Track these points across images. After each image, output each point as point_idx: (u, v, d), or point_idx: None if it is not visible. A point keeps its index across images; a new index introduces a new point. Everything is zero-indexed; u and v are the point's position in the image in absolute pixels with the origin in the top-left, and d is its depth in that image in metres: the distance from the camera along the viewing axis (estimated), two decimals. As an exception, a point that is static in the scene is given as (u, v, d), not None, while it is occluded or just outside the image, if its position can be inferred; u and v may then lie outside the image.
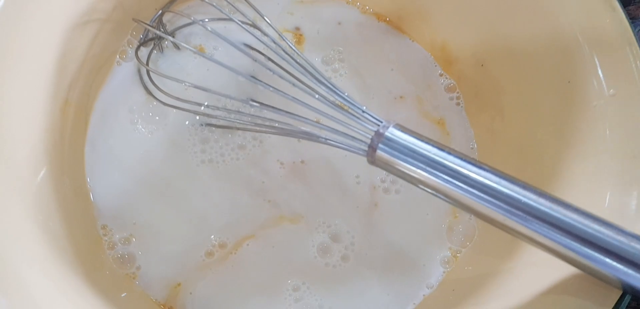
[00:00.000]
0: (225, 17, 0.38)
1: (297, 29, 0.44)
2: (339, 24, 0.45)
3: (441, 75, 0.44)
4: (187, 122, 0.40)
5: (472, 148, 0.43)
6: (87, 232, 0.35)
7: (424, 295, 0.38)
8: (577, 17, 0.36)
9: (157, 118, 0.40)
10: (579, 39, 0.35)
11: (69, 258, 0.30)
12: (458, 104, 0.43)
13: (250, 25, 0.39)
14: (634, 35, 0.34)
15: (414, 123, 0.42)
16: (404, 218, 0.40)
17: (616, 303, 0.28)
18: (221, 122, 0.39)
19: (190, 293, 0.36)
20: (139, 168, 0.38)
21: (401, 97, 0.43)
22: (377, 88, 0.43)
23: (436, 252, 0.39)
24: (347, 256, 0.38)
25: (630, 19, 0.46)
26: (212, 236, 0.37)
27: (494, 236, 0.37)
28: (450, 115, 0.43)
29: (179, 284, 0.36)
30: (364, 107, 0.34)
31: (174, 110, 0.39)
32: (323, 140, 0.36)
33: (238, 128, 0.40)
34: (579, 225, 0.28)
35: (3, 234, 0.27)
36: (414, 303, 0.37)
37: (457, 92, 0.44)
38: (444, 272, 0.38)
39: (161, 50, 0.41)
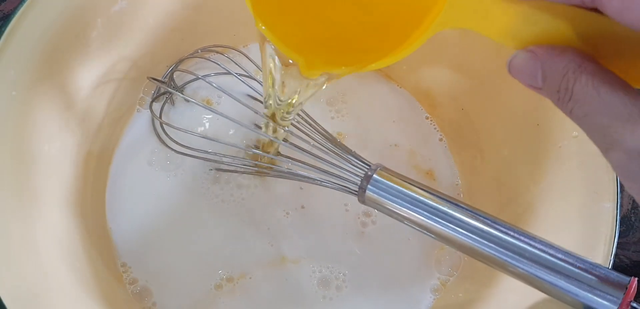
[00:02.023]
0: (227, 72, 0.42)
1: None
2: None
3: (427, 118, 0.48)
4: (198, 167, 0.44)
5: (456, 184, 0.46)
6: (109, 270, 0.38)
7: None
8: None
9: (171, 163, 0.44)
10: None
11: (95, 295, 0.34)
12: (442, 141, 0.48)
13: (249, 77, 0.43)
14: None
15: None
16: (395, 250, 0.43)
17: (580, 324, 0.31)
18: (227, 167, 0.43)
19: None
20: (154, 210, 0.42)
21: (396, 145, 0.47)
22: (374, 134, 0.47)
23: (426, 281, 0.42)
24: (340, 287, 0.41)
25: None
26: (220, 271, 0.40)
27: (477, 266, 0.41)
28: (438, 158, 0.47)
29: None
30: (354, 153, 0.38)
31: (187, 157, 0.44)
32: (319, 182, 0.40)
33: (243, 172, 0.44)
34: (545, 256, 0.31)
35: (39, 274, 0.31)
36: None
37: (441, 134, 0.48)
38: (433, 299, 0.42)
39: (172, 103, 0.46)
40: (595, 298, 0.30)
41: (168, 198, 0.42)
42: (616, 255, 0.46)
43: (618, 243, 0.46)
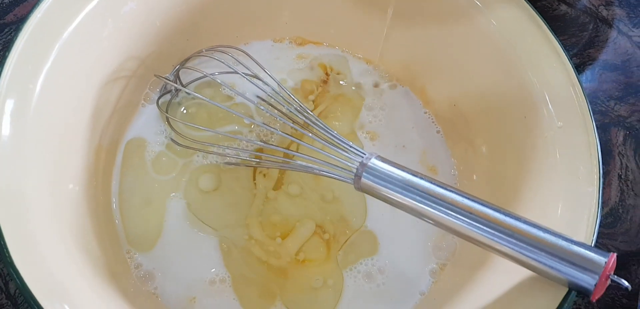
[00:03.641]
0: (233, 71, 0.44)
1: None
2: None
3: (425, 113, 0.51)
4: (201, 159, 0.46)
5: (453, 175, 0.48)
6: (116, 254, 0.40)
7: (417, 300, 0.43)
8: (532, 63, 0.42)
9: (174, 157, 0.46)
10: (533, 81, 0.42)
11: (105, 276, 0.36)
12: (439, 133, 0.50)
13: (253, 76, 0.45)
14: (577, 77, 0.40)
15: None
16: (395, 235, 0.45)
17: (563, 298, 0.33)
18: (230, 160, 0.46)
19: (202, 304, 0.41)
20: (157, 200, 0.44)
21: (403, 146, 0.49)
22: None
23: (425, 265, 0.44)
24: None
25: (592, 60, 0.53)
26: (213, 270, 0.42)
27: (470, 251, 0.43)
28: (436, 148, 0.49)
29: (194, 298, 0.41)
30: (351, 143, 0.40)
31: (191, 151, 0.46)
32: (317, 171, 0.42)
33: (246, 165, 0.46)
34: (530, 234, 0.33)
35: (56, 255, 0.33)
36: (410, 305, 0.42)
37: (438, 127, 0.50)
38: (431, 282, 0.43)
39: (178, 100, 0.48)
40: (577, 272, 0.32)
41: (170, 189, 0.44)
42: (604, 245, 0.48)
43: (607, 234, 0.49)
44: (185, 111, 0.48)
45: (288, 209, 0.44)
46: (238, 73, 0.44)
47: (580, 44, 0.60)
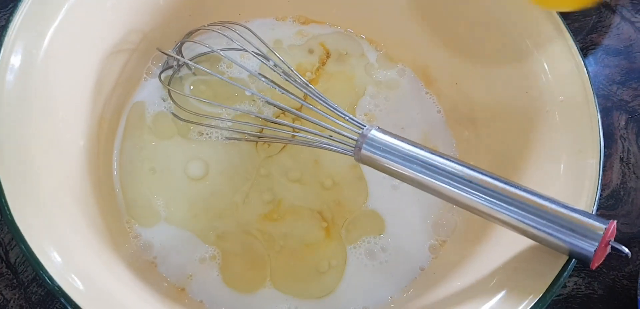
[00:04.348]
0: (236, 45, 0.44)
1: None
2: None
3: (427, 93, 0.51)
4: (203, 133, 0.46)
5: (454, 154, 0.48)
6: (117, 223, 0.41)
7: (416, 275, 0.43)
8: (533, 38, 0.42)
9: (175, 129, 0.46)
10: (535, 54, 0.42)
11: (106, 240, 0.36)
12: (439, 113, 0.50)
13: (257, 53, 0.45)
14: (579, 52, 0.40)
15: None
16: (396, 211, 0.45)
17: (564, 266, 0.33)
18: (233, 134, 0.46)
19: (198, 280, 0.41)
20: (158, 170, 0.44)
21: (402, 128, 0.49)
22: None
23: (425, 241, 0.44)
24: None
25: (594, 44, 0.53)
26: (209, 250, 0.42)
27: (470, 226, 0.43)
28: (436, 129, 0.49)
29: (191, 276, 0.41)
30: (351, 115, 0.40)
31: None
32: (317, 144, 0.42)
33: (248, 140, 0.46)
34: (532, 202, 0.33)
35: (59, 216, 0.33)
36: (410, 279, 0.42)
37: (439, 107, 0.50)
38: (431, 258, 0.43)
39: (180, 75, 0.48)
40: (577, 240, 0.32)
41: (170, 161, 0.45)
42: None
43: (608, 216, 0.49)
44: (191, 87, 0.48)
45: (287, 193, 0.44)
46: (240, 49, 0.44)
47: (584, 29, 0.60)
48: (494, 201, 0.34)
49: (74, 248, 0.32)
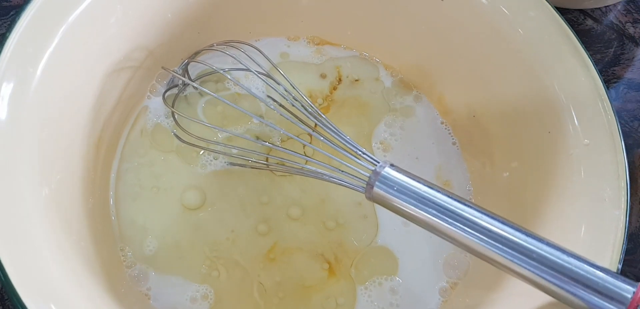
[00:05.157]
0: (246, 68, 0.43)
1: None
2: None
3: (442, 123, 0.49)
4: (207, 159, 0.44)
5: (468, 190, 0.46)
6: (110, 252, 0.39)
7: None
8: (558, 76, 0.40)
9: (179, 152, 0.44)
10: (559, 95, 0.39)
11: (98, 275, 0.34)
12: (455, 145, 0.48)
13: (265, 75, 0.44)
14: (606, 92, 0.38)
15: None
16: (405, 250, 0.43)
17: (584, 328, 0.31)
18: (237, 160, 0.44)
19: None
20: (155, 197, 0.42)
21: (416, 158, 0.47)
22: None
23: (435, 283, 0.42)
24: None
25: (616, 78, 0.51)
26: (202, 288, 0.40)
27: (484, 270, 0.41)
28: (451, 161, 0.47)
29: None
30: (364, 149, 0.38)
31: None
32: (327, 177, 0.40)
33: (252, 167, 0.44)
34: (553, 257, 0.31)
35: (46, 249, 0.31)
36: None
37: (454, 139, 0.48)
38: (441, 301, 0.41)
39: (185, 95, 0.46)
40: (601, 301, 0.30)
41: (171, 187, 0.43)
42: (623, 272, 0.46)
43: (627, 261, 0.46)
44: (203, 106, 0.46)
45: (287, 232, 0.42)
46: (250, 70, 0.42)
47: (605, 60, 0.58)
48: (514, 253, 0.32)
49: (61, 289, 0.30)
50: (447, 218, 0.34)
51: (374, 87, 0.49)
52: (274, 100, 0.44)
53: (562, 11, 0.44)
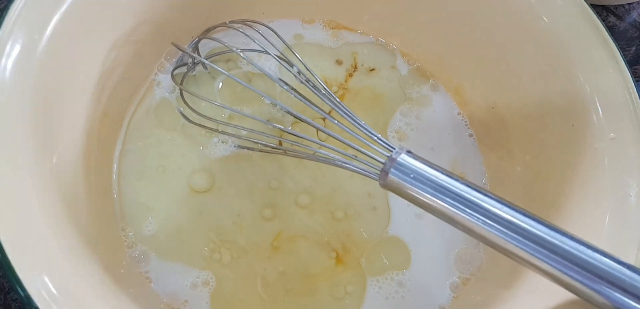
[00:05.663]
0: (258, 46, 0.41)
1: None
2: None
3: (459, 114, 0.47)
4: (216, 141, 0.43)
5: (484, 183, 0.45)
6: (111, 230, 0.37)
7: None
8: (584, 67, 0.38)
9: (185, 132, 0.43)
10: (584, 86, 0.38)
11: (98, 252, 0.33)
12: (471, 137, 0.46)
13: (280, 56, 0.42)
14: (634, 85, 0.36)
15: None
16: (417, 244, 0.42)
17: (608, 328, 0.30)
18: (246, 144, 0.42)
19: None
20: (160, 177, 0.41)
21: (432, 149, 0.45)
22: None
23: (446, 278, 0.41)
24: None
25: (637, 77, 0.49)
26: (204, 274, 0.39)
27: (498, 266, 0.39)
28: (467, 154, 0.46)
29: (186, 301, 0.38)
30: (379, 135, 0.37)
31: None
32: (340, 163, 0.38)
33: (262, 151, 0.42)
34: (577, 252, 0.29)
35: (46, 225, 0.30)
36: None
37: (470, 131, 0.46)
38: (452, 297, 0.40)
39: (194, 74, 0.45)
40: (628, 300, 0.28)
41: (176, 167, 0.41)
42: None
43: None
44: (200, 87, 0.44)
45: (294, 219, 0.41)
46: (264, 51, 0.40)
47: (627, 58, 0.56)
48: (536, 247, 0.30)
49: (57, 266, 0.28)
50: (466, 208, 0.32)
51: (390, 75, 0.48)
52: (287, 83, 0.42)
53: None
